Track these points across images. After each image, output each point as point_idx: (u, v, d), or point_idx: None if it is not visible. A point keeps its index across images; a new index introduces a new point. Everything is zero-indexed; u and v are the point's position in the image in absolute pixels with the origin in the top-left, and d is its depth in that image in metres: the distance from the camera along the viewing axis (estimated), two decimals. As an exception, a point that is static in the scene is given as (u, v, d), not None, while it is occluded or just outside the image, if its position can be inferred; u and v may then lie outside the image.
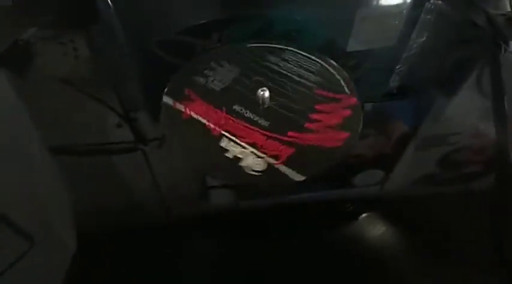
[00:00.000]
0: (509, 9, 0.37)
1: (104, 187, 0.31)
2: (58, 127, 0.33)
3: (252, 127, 0.32)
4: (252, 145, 0.31)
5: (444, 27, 0.40)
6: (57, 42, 0.37)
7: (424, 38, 0.38)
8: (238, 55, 0.36)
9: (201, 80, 0.35)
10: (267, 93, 0.33)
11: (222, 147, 0.31)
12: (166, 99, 0.34)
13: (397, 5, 0.41)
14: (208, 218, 0.30)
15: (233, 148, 0.31)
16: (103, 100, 0.35)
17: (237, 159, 0.30)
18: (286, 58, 0.37)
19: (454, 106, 0.36)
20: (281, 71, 0.36)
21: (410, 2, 0.41)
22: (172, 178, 0.32)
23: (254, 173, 0.30)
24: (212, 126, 0.32)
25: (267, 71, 0.36)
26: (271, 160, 0.30)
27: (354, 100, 0.34)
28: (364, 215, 0.30)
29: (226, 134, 0.32)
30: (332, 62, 0.36)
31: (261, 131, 0.32)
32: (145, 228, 0.29)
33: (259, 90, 0.33)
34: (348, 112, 0.33)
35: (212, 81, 0.35)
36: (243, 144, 0.31)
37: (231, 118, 0.32)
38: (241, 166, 0.30)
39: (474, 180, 0.33)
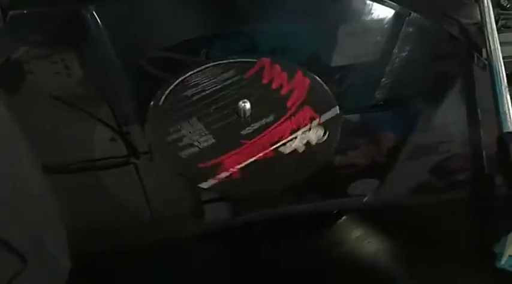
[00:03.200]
0: (479, 18, 0.39)
1: (97, 204, 0.31)
2: (50, 144, 0.33)
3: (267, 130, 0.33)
4: (292, 133, 0.33)
5: (425, 40, 0.41)
6: (48, 61, 0.38)
7: (406, 52, 0.39)
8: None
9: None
10: (248, 105, 0.33)
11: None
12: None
13: (379, 20, 0.42)
14: (204, 234, 0.30)
15: (293, 145, 0.32)
16: (95, 116, 0.35)
17: (306, 145, 0.32)
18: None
19: (442, 116, 0.37)
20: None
21: (391, 17, 0.42)
22: (166, 192, 0.32)
23: (324, 138, 0.33)
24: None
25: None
26: (315, 123, 0.34)
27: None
28: (356, 226, 0.30)
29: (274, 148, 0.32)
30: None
31: (277, 126, 0.33)
32: (139, 245, 0.28)
33: (241, 102, 0.33)
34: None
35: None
36: (290, 139, 0.33)
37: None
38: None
39: (465, 188, 0.34)
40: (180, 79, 0.36)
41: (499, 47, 0.36)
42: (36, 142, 0.33)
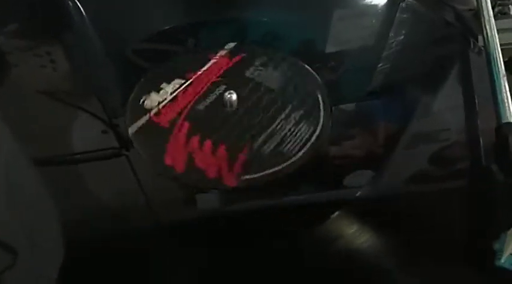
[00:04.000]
0: (475, 5, 0.38)
1: (90, 196, 0.30)
2: (40, 139, 0.33)
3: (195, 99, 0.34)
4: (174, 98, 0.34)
5: (420, 26, 0.40)
6: (32, 53, 0.37)
7: (402, 36, 0.39)
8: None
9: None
10: (234, 96, 0.33)
11: None
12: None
13: (373, 5, 0.41)
14: (196, 223, 0.30)
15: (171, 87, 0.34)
16: (85, 109, 0.34)
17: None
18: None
19: (440, 103, 0.37)
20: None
21: (386, 2, 0.41)
22: (158, 183, 0.32)
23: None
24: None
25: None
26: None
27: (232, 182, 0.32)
28: (354, 217, 0.30)
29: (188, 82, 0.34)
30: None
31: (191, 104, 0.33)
32: (131, 235, 0.28)
33: (227, 93, 0.33)
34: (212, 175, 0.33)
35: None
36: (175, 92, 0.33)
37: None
38: None
39: (463, 177, 0.33)
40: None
41: (496, 34, 0.35)
42: (25, 137, 0.33)
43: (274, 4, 0.40)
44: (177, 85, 0.35)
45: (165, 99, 0.34)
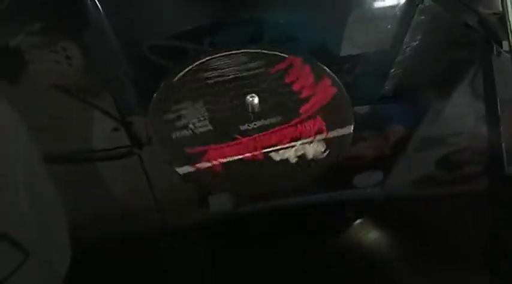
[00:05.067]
0: (500, 9, 0.37)
1: (100, 195, 0.31)
2: (52, 135, 0.33)
3: (268, 131, 0.31)
4: (292, 140, 0.31)
5: (438, 29, 0.40)
6: (49, 50, 0.37)
7: (417, 42, 0.38)
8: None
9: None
10: (256, 100, 0.31)
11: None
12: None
13: (390, 7, 0.41)
14: (207, 225, 0.30)
15: (285, 154, 0.30)
16: (98, 106, 0.34)
17: (300, 158, 0.30)
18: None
19: (451, 108, 0.36)
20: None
21: (403, 4, 0.41)
22: (169, 182, 0.32)
23: (323, 155, 0.30)
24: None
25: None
26: (320, 137, 0.31)
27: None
28: (363, 218, 0.30)
29: (265, 151, 0.31)
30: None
31: (279, 129, 0.31)
32: (142, 236, 0.29)
33: (248, 97, 0.31)
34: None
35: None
36: (286, 146, 0.31)
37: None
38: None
39: (473, 181, 0.33)
40: (201, 61, 0.34)
41: (523, 39, 0.34)
42: (38, 133, 0.33)
43: (290, 5, 0.40)
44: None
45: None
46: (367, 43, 0.39)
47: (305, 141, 0.31)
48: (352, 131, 0.32)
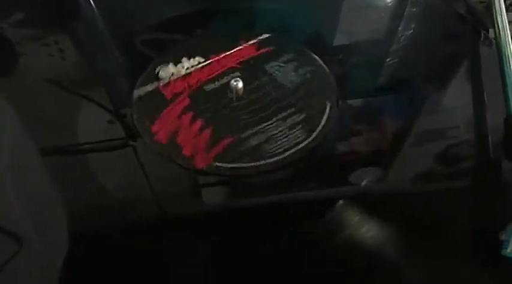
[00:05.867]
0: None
1: (96, 186, 0.31)
2: (47, 128, 0.33)
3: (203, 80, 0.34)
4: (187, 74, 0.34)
5: (431, 19, 0.40)
6: (41, 43, 0.37)
7: (411, 31, 0.38)
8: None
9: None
10: (240, 84, 0.32)
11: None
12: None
13: (383, -2, 0.41)
14: (201, 217, 0.30)
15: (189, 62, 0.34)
16: (92, 98, 0.34)
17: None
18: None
19: (449, 99, 0.36)
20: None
21: None
22: (164, 175, 0.32)
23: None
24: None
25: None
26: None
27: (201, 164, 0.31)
28: (360, 214, 0.30)
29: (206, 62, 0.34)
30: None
31: (199, 84, 0.34)
32: (137, 227, 0.29)
33: (233, 80, 0.32)
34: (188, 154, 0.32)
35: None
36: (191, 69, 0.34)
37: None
38: None
39: (471, 174, 0.33)
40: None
41: (507, 26, 0.35)
42: (32, 126, 0.33)
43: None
44: (196, 62, 0.35)
45: (179, 72, 0.34)
46: (360, 32, 0.39)
47: None
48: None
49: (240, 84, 0.32)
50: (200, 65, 0.35)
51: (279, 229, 0.29)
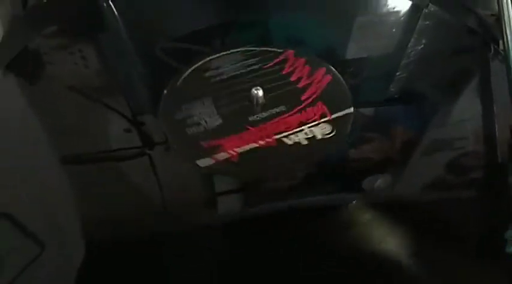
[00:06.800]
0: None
1: (113, 195, 0.31)
2: (68, 135, 0.34)
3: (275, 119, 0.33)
4: (299, 125, 0.33)
5: (443, 34, 0.40)
6: (66, 52, 0.38)
7: (422, 46, 0.39)
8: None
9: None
10: (260, 92, 0.33)
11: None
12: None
13: (395, 12, 0.41)
14: (217, 226, 0.30)
15: (296, 138, 0.32)
16: (112, 107, 0.35)
17: (310, 139, 0.32)
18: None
19: (457, 111, 0.37)
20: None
21: (408, 9, 0.41)
22: (180, 183, 0.32)
23: (330, 135, 0.32)
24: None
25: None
26: (325, 120, 0.33)
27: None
28: (371, 221, 0.30)
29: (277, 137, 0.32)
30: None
31: (285, 117, 0.33)
32: (153, 235, 0.29)
33: (253, 89, 0.33)
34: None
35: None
36: (295, 131, 0.33)
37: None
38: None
39: (479, 185, 0.34)
40: (201, 62, 0.36)
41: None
42: (55, 134, 0.34)
43: (298, 8, 0.40)
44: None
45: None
46: (372, 47, 0.39)
47: (311, 124, 0.33)
48: (352, 111, 0.34)
49: (261, 92, 0.33)
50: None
51: (292, 235, 0.29)
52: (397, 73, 0.38)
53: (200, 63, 0.36)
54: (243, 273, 0.27)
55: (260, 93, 0.33)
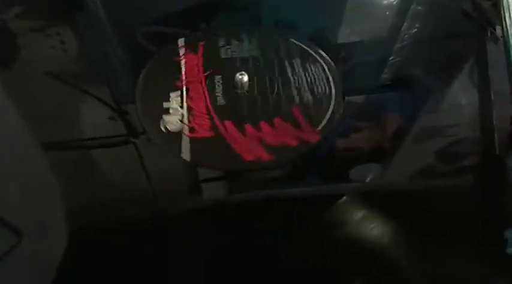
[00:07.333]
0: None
1: (96, 182, 0.31)
2: (48, 122, 0.33)
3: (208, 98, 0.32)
4: (189, 108, 0.31)
5: (436, 18, 0.39)
6: (43, 34, 0.37)
7: (415, 29, 0.38)
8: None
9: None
10: (245, 78, 0.32)
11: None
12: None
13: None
14: (201, 213, 0.30)
15: (174, 102, 0.31)
16: (93, 94, 0.34)
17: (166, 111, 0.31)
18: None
19: (451, 98, 0.36)
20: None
21: None
22: (164, 171, 0.32)
23: (163, 129, 0.30)
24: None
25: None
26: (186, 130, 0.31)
27: (314, 138, 0.31)
28: (361, 211, 0.30)
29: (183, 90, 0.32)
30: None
31: (209, 104, 0.32)
32: (137, 223, 0.29)
33: (238, 74, 0.32)
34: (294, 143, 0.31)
35: None
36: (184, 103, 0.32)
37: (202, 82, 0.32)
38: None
39: (472, 172, 0.33)
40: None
41: (515, 23, 0.34)
42: (33, 120, 0.33)
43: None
44: (179, 98, 0.32)
45: (182, 114, 0.32)
46: (364, 30, 0.38)
47: None
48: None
49: (246, 78, 0.32)
50: (184, 96, 0.33)
51: (278, 224, 0.29)
52: (391, 58, 0.37)
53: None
54: (227, 261, 0.27)
55: (245, 78, 0.32)
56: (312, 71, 0.34)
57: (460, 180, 0.33)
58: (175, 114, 0.31)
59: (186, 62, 0.34)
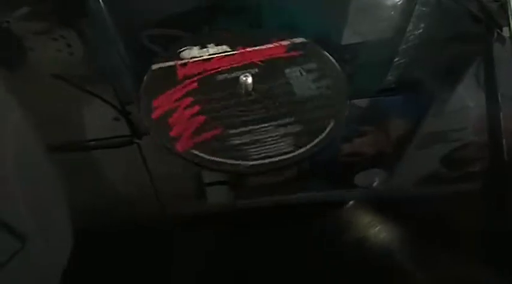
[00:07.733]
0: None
1: (100, 184, 0.31)
2: (53, 124, 0.33)
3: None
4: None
5: (441, 19, 0.39)
6: (49, 37, 0.37)
7: (420, 30, 0.38)
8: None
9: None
10: (249, 79, 0.32)
11: None
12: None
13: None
14: (205, 216, 0.30)
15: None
16: (98, 95, 0.34)
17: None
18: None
19: (457, 100, 0.35)
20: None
21: None
22: (168, 172, 0.31)
23: None
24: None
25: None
26: None
27: None
28: (364, 217, 0.29)
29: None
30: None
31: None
32: (141, 225, 0.29)
33: (242, 76, 0.32)
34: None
35: None
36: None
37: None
38: None
39: (479, 178, 0.32)
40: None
41: (523, 24, 0.34)
42: (38, 122, 0.33)
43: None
44: (221, 51, 0.35)
45: (202, 56, 0.35)
46: (369, 31, 0.38)
47: None
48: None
49: (250, 80, 0.32)
50: (224, 54, 0.35)
51: (283, 230, 0.28)
52: (396, 59, 0.36)
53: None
54: (231, 266, 0.27)
55: (249, 80, 0.32)
56: (315, 73, 0.34)
57: (467, 186, 0.32)
58: (202, 52, 0.34)
59: (272, 47, 0.36)
